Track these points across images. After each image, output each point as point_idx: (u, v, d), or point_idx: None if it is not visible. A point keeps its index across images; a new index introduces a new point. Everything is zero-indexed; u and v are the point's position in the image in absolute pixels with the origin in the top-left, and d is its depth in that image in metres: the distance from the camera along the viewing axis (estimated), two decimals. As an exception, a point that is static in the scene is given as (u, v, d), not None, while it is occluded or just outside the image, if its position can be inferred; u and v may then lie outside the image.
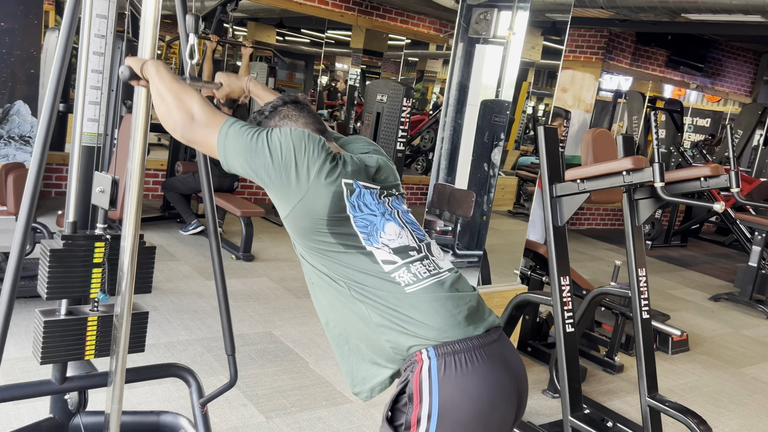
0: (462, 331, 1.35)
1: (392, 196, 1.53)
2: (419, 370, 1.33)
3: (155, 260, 2.27)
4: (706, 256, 8.40)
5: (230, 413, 2.80)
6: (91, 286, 2.04)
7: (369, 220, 1.43)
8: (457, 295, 1.41)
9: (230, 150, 1.43)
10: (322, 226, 1.40)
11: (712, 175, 2.81)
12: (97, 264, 2.02)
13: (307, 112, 1.58)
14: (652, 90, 10.48)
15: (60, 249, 1.96)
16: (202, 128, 1.44)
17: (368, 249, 1.40)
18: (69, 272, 1.98)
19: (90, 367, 2.29)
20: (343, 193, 1.41)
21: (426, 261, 1.45)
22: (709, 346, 4.69)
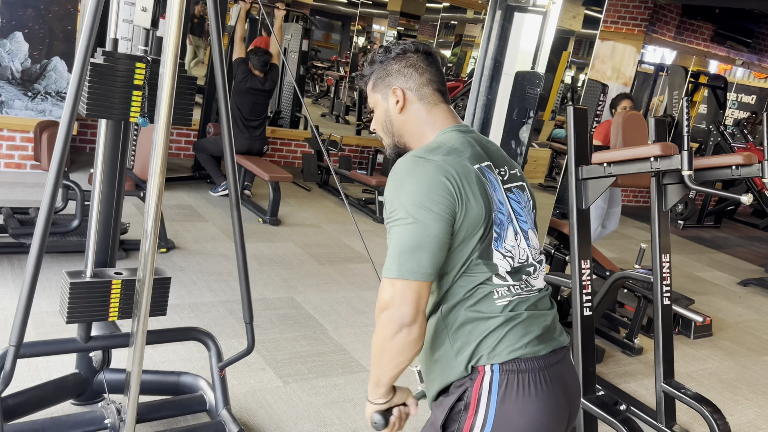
0: (531, 350, 1.33)
1: (507, 184, 1.44)
2: (480, 381, 1.32)
3: (184, 220, 2.30)
4: (739, 238, 8.23)
5: (249, 376, 2.88)
6: (131, 108, 2.01)
7: (500, 219, 1.37)
8: (536, 314, 1.38)
9: (410, 266, 1.26)
10: (479, 224, 1.32)
11: (744, 164, 2.74)
12: (137, 86, 1.99)
13: (435, 68, 1.46)
14: (695, 65, 10.16)
15: (101, 64, 1.93)
16: (397, 300, 1.27)
17: (494, 258, 1.35)
18: (109, 90, 1.95)
19: (114, 327, 2.37)
20: (483, 181, 1.34)
21: (526, 282, 1.41)
22: (733, 332, 4.64)
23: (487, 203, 1.32)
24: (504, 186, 1.42)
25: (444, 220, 1.27)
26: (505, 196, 1.40)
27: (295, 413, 2.68)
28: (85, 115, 1.97)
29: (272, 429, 2.55)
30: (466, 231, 1.30)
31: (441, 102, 1.46)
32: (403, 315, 1.26)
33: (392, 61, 1.45)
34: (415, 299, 1.26)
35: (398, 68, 1.44)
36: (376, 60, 1.47)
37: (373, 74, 1.49)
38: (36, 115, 5.22)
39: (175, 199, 5.28)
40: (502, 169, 1.45)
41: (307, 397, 2.80)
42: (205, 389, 2.50)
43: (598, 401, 2.72)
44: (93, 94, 1.95)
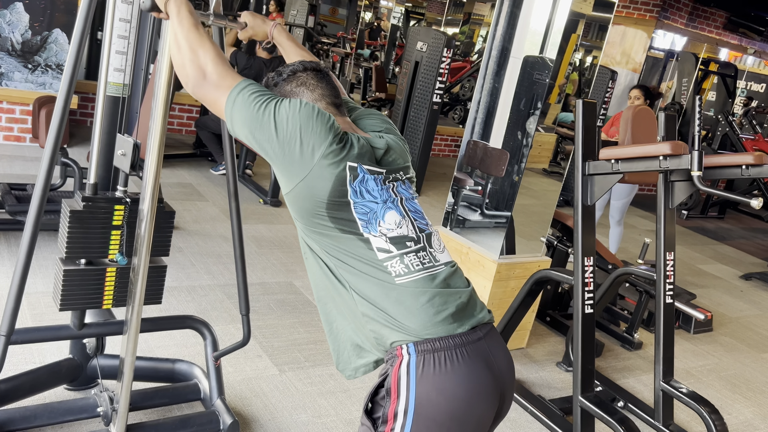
0: (445, 328, 1.33)
1: (398, 182, 1.48)
2: (398, 366, 1.33)
3: (184, 199, 2.29)
4: (743, 230, 8.18)
5: (245, 364, 2.86)
6: (109, 247, 2.07)
7: (369, 207, 1.39)
8: (447, 291, 1.38)
9: (237, 118, 1.39)
10: (321, 208, 1.36)
11: (756, 164, 2.68)
12: (116, 226, 2.04)
13: (326, 83, 1.52)
14: (706, 52, 10.02)
15: (80, 210, 1.98)
16: (213, 89, 1.41)
17: (365, 236, 1.38)
18: (88, 233, 2.01)
19: (108, 314, 2.34)
20: (346, 178, 1.37)
21: (422, 253, 1.41)
22: (734, 327, 4.61)
23: (338, 191, 1.36)
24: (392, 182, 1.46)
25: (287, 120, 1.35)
26: (391, 188, 1.44)
27: (290, 403, 2.66)
28: (64, 258, 2.03)
29: (267, 419, 2.53)
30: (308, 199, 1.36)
31: (336, 115, 1.50)
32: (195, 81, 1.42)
33: (284, 82, 1.51)
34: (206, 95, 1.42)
35: (290, 89, 1.50)
36: (270, 84, 1.54)
37: None
38: (36, 88, 5.15)
39: (176, 177, 5.23)
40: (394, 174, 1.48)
41: (303, 387, 2.78)
42: (200, 377, 2.47)
43: (596, 400, 2.70)
44: (72, 238, 2.01)
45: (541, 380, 3.30)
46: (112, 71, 2.13)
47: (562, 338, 3.81)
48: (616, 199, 4.98)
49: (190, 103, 6.46)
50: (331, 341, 1.52)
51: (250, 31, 1.82)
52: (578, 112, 2.72)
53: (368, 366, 1.47)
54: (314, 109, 1.38)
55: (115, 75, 2.15)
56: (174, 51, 1.47)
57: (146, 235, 1.88)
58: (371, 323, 1.37)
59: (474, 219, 3.63)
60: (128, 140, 1.95)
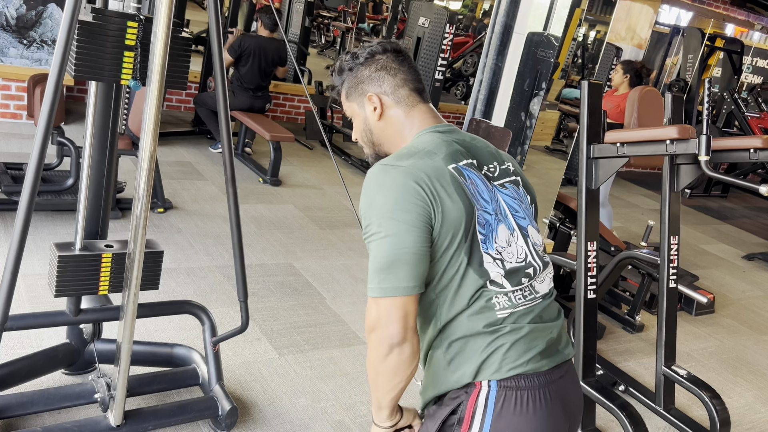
0: (533, 366, 1.26)
1: (496, 181, 1.35)
2: (476, 395, 1.25)
3: (183, 178, 2.22)
4: (746, 209, 8.13)
5: (244, 347, 2.84)
6: (122, 70, 1.89)
7: (485, 218, 1.27)
8: (541, 327, 1.30)
9: (391, 283, 1.20)
10: (459, 225, 1.24)
11: (764, 148, 2.62)
12: (129, 47, 1.86)
13: (407, 66, 1.39)
14: (713, 27, 9.86)
15: (90, 22, 1.80)
16: (383, 321, 1.22)
17: (484, 261, 1.25)
18: (99, 51, 1.83)
19: (105, 299, 2.32)
20: (459, 180, 1.25)
21: (529, 287, 1.32)
22: (736, 309, 4.59)
23: (467, 203, 1.24)
24: (494, 183, 1.34)
25: (419, 228, 1.20)
26: (495, 192, 1.32)
27: (289, 387, 2.64)
28: (73, 77, 1.86)
29: (266, 404, 2.51)
30: (447, 234, 1.23)
31: (419, 102, 1.38)
32: (392, 335, 1.20)
33: (361, 66, 1.38)
34: (402, 316, 1.20)
35: (369, 73, 1.37)
36: (344, 68, 1.41)
37: (345, 83, 1.42)
38: (32, 64, 5.07)
39: (174, 155, 5.18)
40: (491, 166, 1.37)
41: (302, 370, 2.77)
42: (198, 362, 2.46)
43: (597, 385, 2.68)
44: (82, 55, 1.82)
45: (541, 363, 3.28)
46: None
47: (563, 320, 3.79)
48: None
49: (188, 80, 6.37)
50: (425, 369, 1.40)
51: None
52: (583, 94, 2.66)
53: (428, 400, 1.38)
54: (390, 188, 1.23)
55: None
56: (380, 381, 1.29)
57: (142, 219, 1.84)
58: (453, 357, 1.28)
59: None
60: None
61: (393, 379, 1.25)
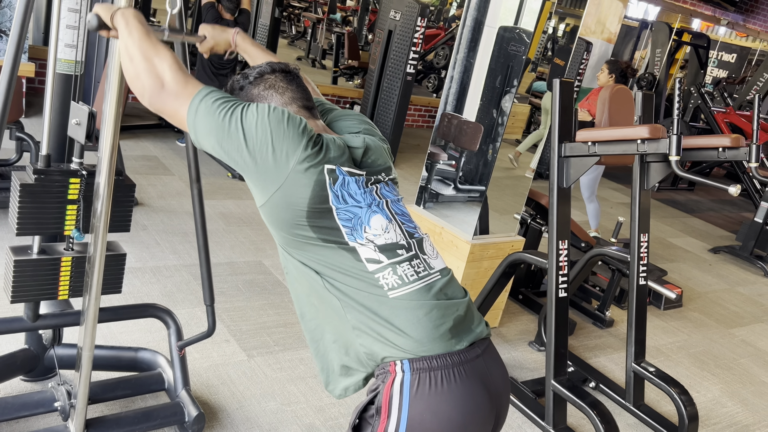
0: (443, 345, 1.26)
1: (380, 183, 1.39)
2: (391, 383, 1.25)
3: (149, 173, 2.18)
4: (712, 202, 8.27)
5: (212, 349, 2.78)
6: (65, 223, 1.95)
7: (353, 213, 1.30)
8: (445, 303, 1.30)
9: (201, 128, 1.28)
10: (301, 218, 1.27)
11: (732, 147, 2.64)
12: (71, 200, 1.91)
13: (296, 85, 1.42)
14: (680, 22, 9.98)
15: (32, 184, 1.84)
16: (172, 99, 1.29)
17: (351, 245, 1.29)
18: (42, 208, 1.87)
19: (65, 304, 2.23)
20: (326, 182, 1.27)
21: (415, 261, 1.32)
22: (702, 302, 4.66)
23: (319, 198, 1.27)
24: (375, 184, 1.37)
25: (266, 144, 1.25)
26: (375, 191, 1.36)
27: (259, 390, 2.59)
28: (16, 234, 1.89)
29: (234, 408, 2.46)
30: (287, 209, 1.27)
31: (308, 118, 1.40)
32: (153, 95, 1.29)
33: (250, 86, 1.41)
34: (165, 107, 1.30)
35: (258, 92, 1.40)
36: (235, 87, 1.43)
37: None
38: (-10, 55, 4.90)
39: (140, 149, 5.06)
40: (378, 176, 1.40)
41: (272, 372, 2.72)
42: (164, 366, 2.39)
43: (568, 384, 2.69)
44: (24, 214, 1.87)
45: (513, 361, 3.28)
46: (63, 47, 1.99)
47: (534, 317, 3.80)
48: (583, 176, 4.94)
49: (155, 71, 6.22)
50: (317, 360, 1.42)
51: (211, 42, 1.70)
52: (555, 92, 2.64)
53: (358, 384, 1.37)
54: (284, 113, 1.28)
55: (66, 51, 2.00)
56: (126, 63, 1.34)
57: (103, 212, 1.76)
58: (362, 337, 1.28)
59: (447, 194, 3.56)
60: (83, 108, 1.81)
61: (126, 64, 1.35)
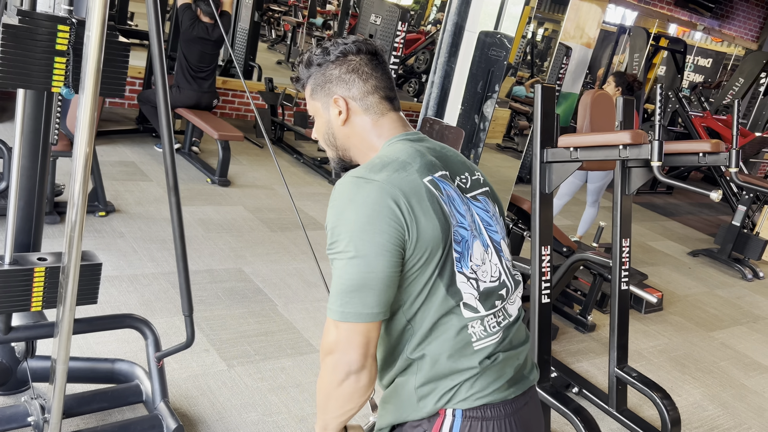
0: (500, 395, 1.21)
1: (468, 193, 1.28)
2: (439, 425, 1.19)
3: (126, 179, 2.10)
4: (690, 205, 8.35)
5: (191, 359, 2.72)
6: (53, 77, 1.77)
7: (462, 235, 1.19)
8: (511, 354, 1.24)
9: (355, 308, 1.13)
10: (437, 245, 1.16)
11: (712, 152, 2.65)
12: (60, 52, 1.75)
13: (381, 71, 1.28)
14: (657, 27, 10.09)
15: (16, 26, 1.68)
16: (342, 345, 1.14)
17: (457, 281, 1.18)
18: (26, 56, 1.71)
19: (39, 315, 2.18)
20: (435, 194, 1.18)
21: (502, 311, 1.25)
22: (683, 306, 4.69)
23: (443, 220, 1.17)
24: (466, 195, 1.26)
25: (390, 252, 1.12)
26: (469, 206, 1.25)
27: (239, 401, 2.55)
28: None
29: (214, 419, 2.41)
30: (421, 255, 1.14)
31: (389, 110, 1.29)
32: (350, 361, 1.13)
33: (332, 65, 1.27)
34: (363, 343, 1.13)
35: (339, 74, 1.26)
36: (313, 62, 1.29)
37: (311, 79, 1.30)
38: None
39: (117, 155, 4.98)
40: (462, 177, 1.29)
41: (252, 383, 2.67)
42: (141, 378, 2.34)
43: (551, 390, 2.68)
44: (7, 61, 1.69)
45: (496, 367, 3.27)
46: None
47: (516, 322, 3.79)
48: (591, 182, 4.97)
49: (132, 75, 6.14)
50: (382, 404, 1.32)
51: None
52: (537, 98, 2.64)
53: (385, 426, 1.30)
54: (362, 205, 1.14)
55: None
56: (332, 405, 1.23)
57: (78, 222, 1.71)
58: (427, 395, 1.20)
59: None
60: None
61: (345, 406, 1.19)
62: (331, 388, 1.17)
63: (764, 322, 4.76)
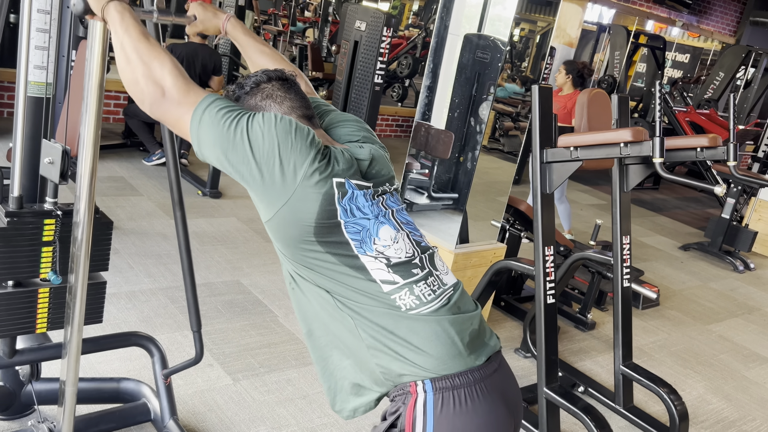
0: (463, 361, 1.23)
1: (386, 194, 1.35)
2: (413, 404, 1.21)
3: (116, 194, 2.10)
4: (677, 200, 8.43)
5: (196, 375, 2.68)
6: (41, 266, 1.87)
7: (361, 225, 1.26)
8: (460, 318, 1.27)
9: (205, 138, 1.23)
10: (309, 234, 1.23)
11: (710, 146, 2.67)
12: (47, 242, 1.84)
13: (294, 93, 1.37)
14: (636, 24, 10.20)
15: (4, 228, 1.76)
16: (174, 107, 1.25)
17: (361, 259, 1.24)
18: (15, 252, 1.79)
19: (43, 337, 2.13)
20: (335, 196, 1.23)
21: (430, 279, 1.29)
22: (678, 300, 4.72)
23: (327, 212, 1.23)
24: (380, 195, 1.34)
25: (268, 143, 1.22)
26: (381, 202, 1.33)
27: (247, 415, 2.51)
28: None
29: (224, 435, 2.38)
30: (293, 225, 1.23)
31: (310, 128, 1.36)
32: (152, 100, 1.25)
33: (247, 96, 1.36)
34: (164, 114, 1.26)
35: (255, 102, 1.35)
36: (230, 98, 1.39)
37: None
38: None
39: (106, 170, 4.92)
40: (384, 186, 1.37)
41: (259, 396, 2.64)
42: (148, 396, 2.30)
43: (560, 390, 2.67)
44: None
45: (501, 369, 3.26)
46: (33, 69, 1.90)
47: (518, 323, 3.79)
48: None
49: (117, 90, 6.08)
50: (324, 380, 1.37)
51: (200, 26, 1.62)
52: (534, 98, 2.64)
53: (369, 404, 1.33)
54: (291, 122, 1.24)
55: (36, 73, 1.92)
56: (123, 64, 1.28)
57: (83, 250, 1.68)
58: (378, 357, 1.24)
59: (421, 202, 3.54)
60: (56, 146, 1.74)
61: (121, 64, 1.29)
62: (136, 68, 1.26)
63: (759, 313, 4.80)
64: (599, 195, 7.64)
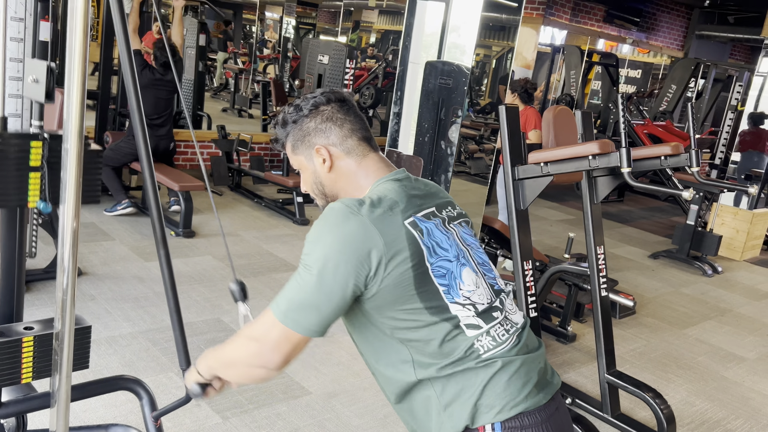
0: (532, 401, 1.23)
1: (455, 221, 1.34)
2: None
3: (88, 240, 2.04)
4: (641, 210, 8.63)
5: (184, 416, 2.65)
6: (29, 193, 1.76)
7: (445, 267, 1.24)
8: (530, 357, 1.28)
9: (298, 318, 1.21)
10: (410, 287, 1.20)
11: (673, 154, 2.78)
12: (34, 167, 1.74)
13: (353, 115, 1.36)
14: (589, 44, 10.53)
15: None
16: (271, 343, 1.24)
17: (451, 310, 1.22)
18: (1, 178, 1.69)
19: (28, 387, 2.09)
20: (415, 237, 1.22)
21: (505, 320, 1.29)
22: (653, 307, 4.82)
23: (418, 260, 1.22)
24: (453, 223, 1.34)
25: (347, 287, 1.19)
26: (454, 234, 1.32)
27: (239, 452, 2.48)
28: None
29: (217, 475, 2.35)
30: (390, 292, 1.20)
31: (370, 151, 1.37)
32: (271, 361, 1.23)
33: (306, 118, 1.35)
34: (289, 351, 1.23)
35: (315, 125, 1.35)
36: (288, 120, 1.38)
37: (290, 136, 1.39)
38: None
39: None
40: (447, 209, 1.37)
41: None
42: (138, 441, 2.26)
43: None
44: None
45: (488, 387, 3.28)
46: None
47: (500, 341, 3.82)
48: (501, 186, 5.07)
49: (82, 136, 6.02)
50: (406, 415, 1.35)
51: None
52: (502, 119, 2.72)
53: None
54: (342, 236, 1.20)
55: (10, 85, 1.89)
56: (236, 375, 1.37)
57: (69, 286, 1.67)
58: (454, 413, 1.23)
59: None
60: (40, 63, 1.67)
61: (240, 378, 1.35)
62: (241, 364, 1.29)
63: (731, 314, 4.92)
64: (567, 210, 7.79)
